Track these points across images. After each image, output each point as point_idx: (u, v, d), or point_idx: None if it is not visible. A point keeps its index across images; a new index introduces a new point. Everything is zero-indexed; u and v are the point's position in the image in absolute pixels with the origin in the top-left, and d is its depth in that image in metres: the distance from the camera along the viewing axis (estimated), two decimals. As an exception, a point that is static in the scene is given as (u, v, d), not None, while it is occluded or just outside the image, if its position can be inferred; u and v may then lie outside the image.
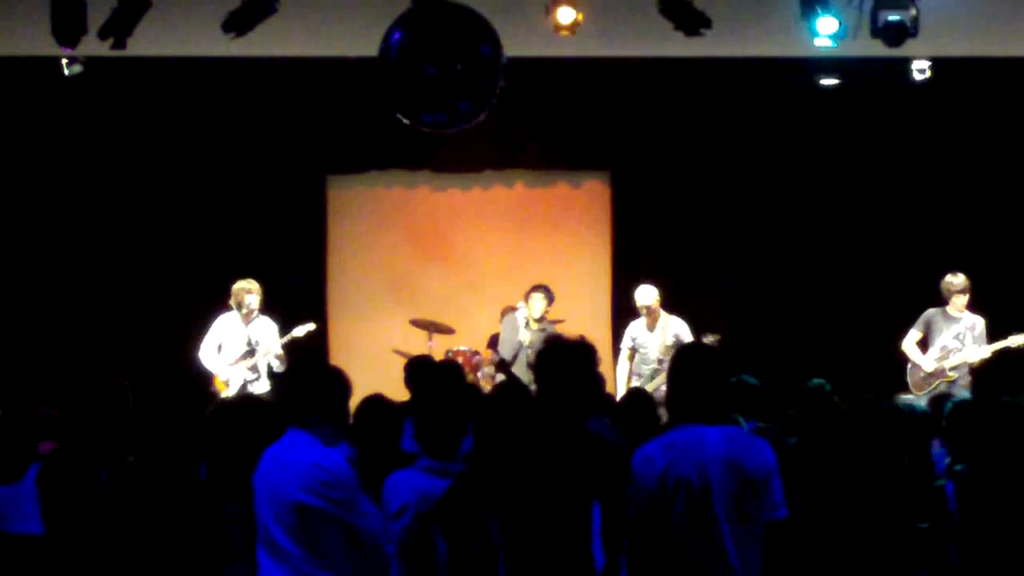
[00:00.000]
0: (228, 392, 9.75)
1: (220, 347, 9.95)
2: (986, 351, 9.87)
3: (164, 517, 4.77)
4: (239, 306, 9.88)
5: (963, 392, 9.73)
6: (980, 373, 8.38)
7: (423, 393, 5.62)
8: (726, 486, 4.30)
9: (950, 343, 10.07)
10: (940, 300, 10.15)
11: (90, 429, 5.16)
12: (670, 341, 10.15)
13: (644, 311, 10.41)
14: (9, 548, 5.05)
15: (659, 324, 10.39)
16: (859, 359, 11.52)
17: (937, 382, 10.08)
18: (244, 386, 9.84)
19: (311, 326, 10.13)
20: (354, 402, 5.23)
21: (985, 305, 10.90)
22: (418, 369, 7.09)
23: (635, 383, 10.17)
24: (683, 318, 10.49)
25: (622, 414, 6.59)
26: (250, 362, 9.86)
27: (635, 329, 10.52)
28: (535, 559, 4.18)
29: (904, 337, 10.24)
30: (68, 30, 8.21)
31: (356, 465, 4.93)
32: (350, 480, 4.61)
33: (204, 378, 10.00)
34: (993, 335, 10.03)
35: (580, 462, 4.23)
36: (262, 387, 9.82)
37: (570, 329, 9.43)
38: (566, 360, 4.37)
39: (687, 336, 10.28)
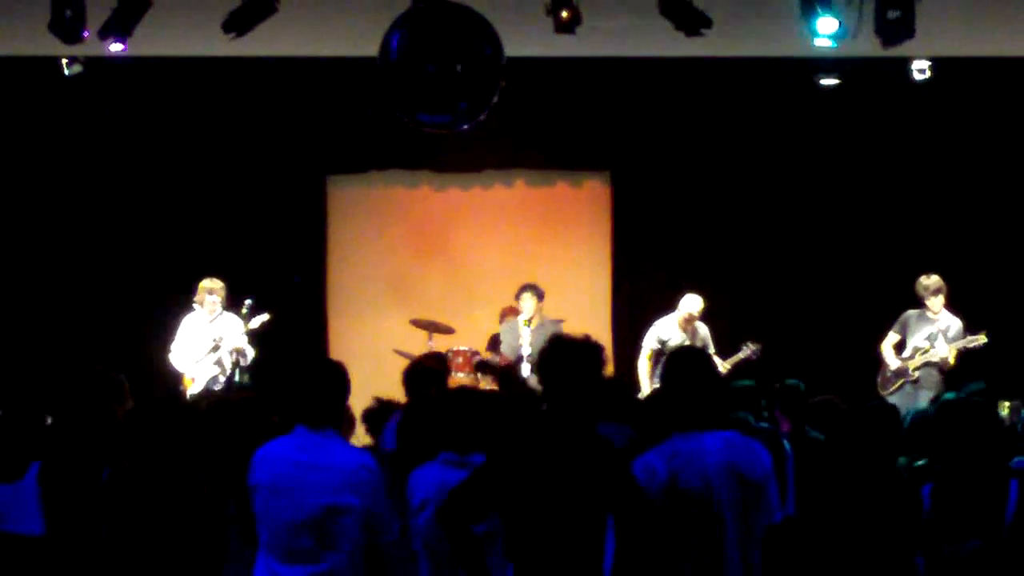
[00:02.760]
0: (193, 388, 9.91)
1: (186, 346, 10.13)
2: (949, 351, 9.89)
3: (164, 517, 4.76)
4: (202, 304, 10.06)
5: (927, 392, 9.77)
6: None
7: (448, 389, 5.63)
8: (729, 493, 4.30)
9: (921, 343, 10.09)
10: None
11: (89, 427, 5.16)
12: (699, 345, 10.06)
13: (687, 317, 10.35)
14: (9, 548, 5.05)
15: (690, 329, 10.39)
16: (859, 360, 11.52)
17: (901, 381, 10.08)
18: (210, 382, 9.97)
19: (265, 316, 10.17)
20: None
21: (990, 305, 10.93)
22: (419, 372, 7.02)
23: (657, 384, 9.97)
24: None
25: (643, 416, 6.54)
26: (214, 357, 9.93)
27: (665, 331, 10.36)
28: (542, 562, 4.13)
29: (884, 339, 10.30)
30: (68, 28, 8.22)
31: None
32: (384, 480, 4.63)
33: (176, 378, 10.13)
34: (973, 327, 10.05)
35: (588, 466, 4.15)
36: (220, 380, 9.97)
37: (570, 329, 9.41)
38: (571, 360, 4.28)
39: (711, 343, 10.31)
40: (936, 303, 10.10)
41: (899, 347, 10.30)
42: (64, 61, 9.98)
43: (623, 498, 4.14)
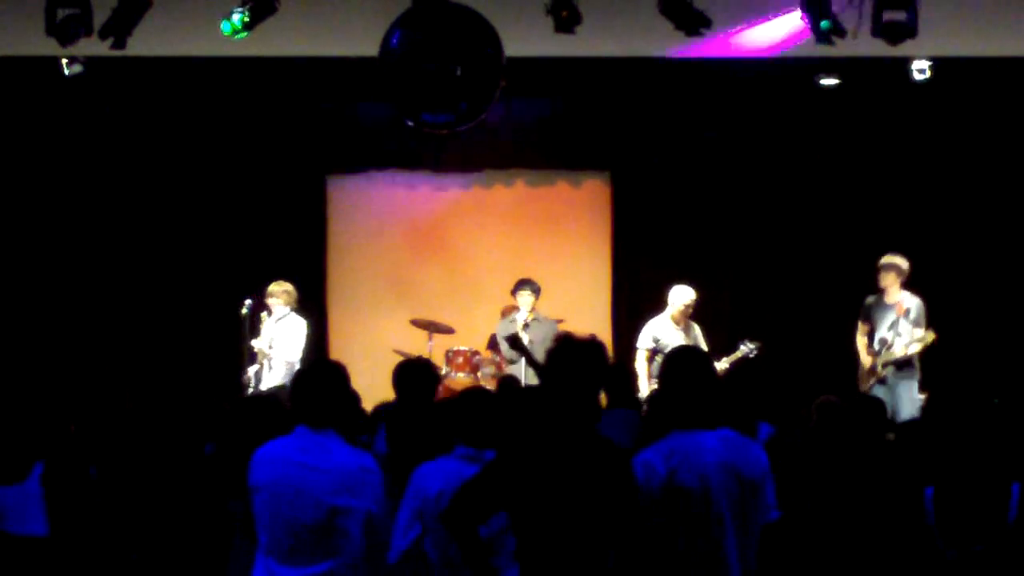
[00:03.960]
0: (251, 388, 10.03)
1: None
2: (912, 348, 9.64)
3: (166, 517, 4.77)
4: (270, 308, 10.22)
5: (903, 385, 9.63)
6: None
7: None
8: (727, 491, 4.30)
9: (887, 334, 9.76)
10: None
11: (91, 429, 5.17)
12: (692, 344, 10.00)
13: (684, 310, 10.24)
14: (13, 549, 5.06)
15: (685, 325, 10.32)
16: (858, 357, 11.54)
17: (873, 380, 9.83)
18: (257, 378, 10.08)
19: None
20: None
21: (989, 304, 10.91)
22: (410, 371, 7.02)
23: (654, 385, 9.77)
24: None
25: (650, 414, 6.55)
26: (263, 357, 10.08)
27: (659, 329, 10.23)
28: (548, 561, 4.12)
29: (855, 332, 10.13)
30: (64, 29, 8.24)
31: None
32: (382, 480, 4.64)
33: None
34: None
35: (592, 466, 4.15)
36: (272, 380, 10.00)
37: (569, 329, 9.40)
38: (579, 360, 4.25)
39: (702, 341, 10.25)
40: (886, 279, 9.79)
41: (870, 337, 10.12)
42: (64, 61, 9.98)
43: (624, 499, 4.14)
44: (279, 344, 10.04)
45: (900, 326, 9.74)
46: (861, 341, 10.08)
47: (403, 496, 4.89)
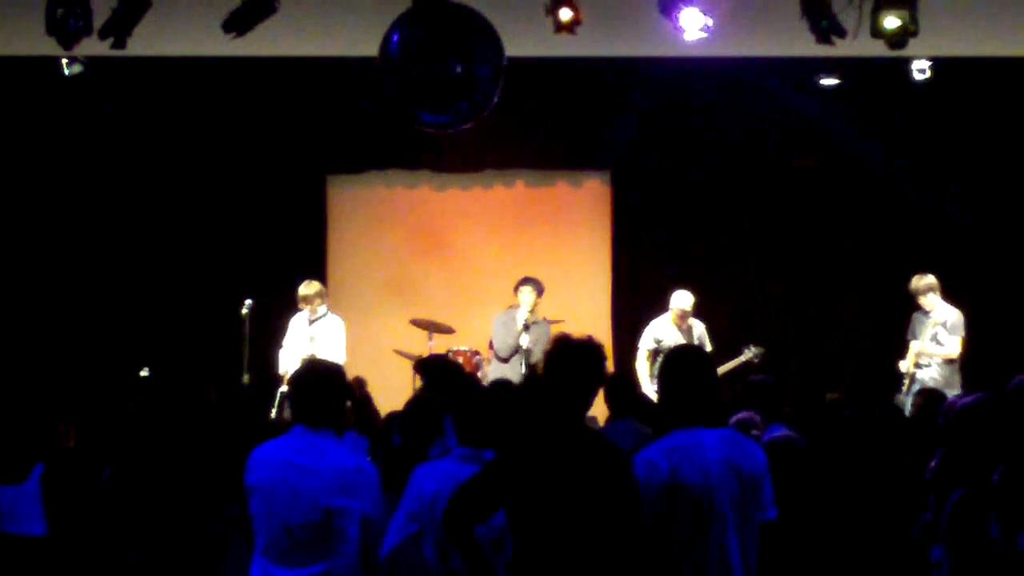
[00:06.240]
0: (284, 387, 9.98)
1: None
2: (950, 344, 9.82)
3: (166, 517, 4.77)
4: (300, 307, 10.31)
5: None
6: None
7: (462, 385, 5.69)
8: (728, 488, 4.32)
9: (927, 345, 9.95)
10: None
11: (92, 429, 5.17)
12: (695, 343, 10.06)
13: (682, 314, 10.40)
14: (12, 549, 5.06)
15: (685, 327, 10.42)
16: (858, 360, 11.54)
17: (907, 383, 9.96)
18: None
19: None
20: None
21: (989, 304, 10.91)
22: (435, 367, 7.10)
23: (655, 383, 9.94)
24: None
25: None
26: (307, 357, 10.01)
27: (660, 330, 10.40)
28: (547, 561, 4.13)
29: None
30: (63, 29, 8.24)
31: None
32: (379, 481, 4.64)
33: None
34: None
35: (592, 466, 4.15)
36: None
37: (569, 329, 9.40)
38: (578, 361, 4.27)
39: (707, 340, 10.30)
40: (928, 301, 10.00)
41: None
42: (64, 61, 9.98)
43: (623, 498, 4.15)
44: (323, 346, 10.05)
45: (939, 335, 9.92)
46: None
47: (402, 496, 4.89)
